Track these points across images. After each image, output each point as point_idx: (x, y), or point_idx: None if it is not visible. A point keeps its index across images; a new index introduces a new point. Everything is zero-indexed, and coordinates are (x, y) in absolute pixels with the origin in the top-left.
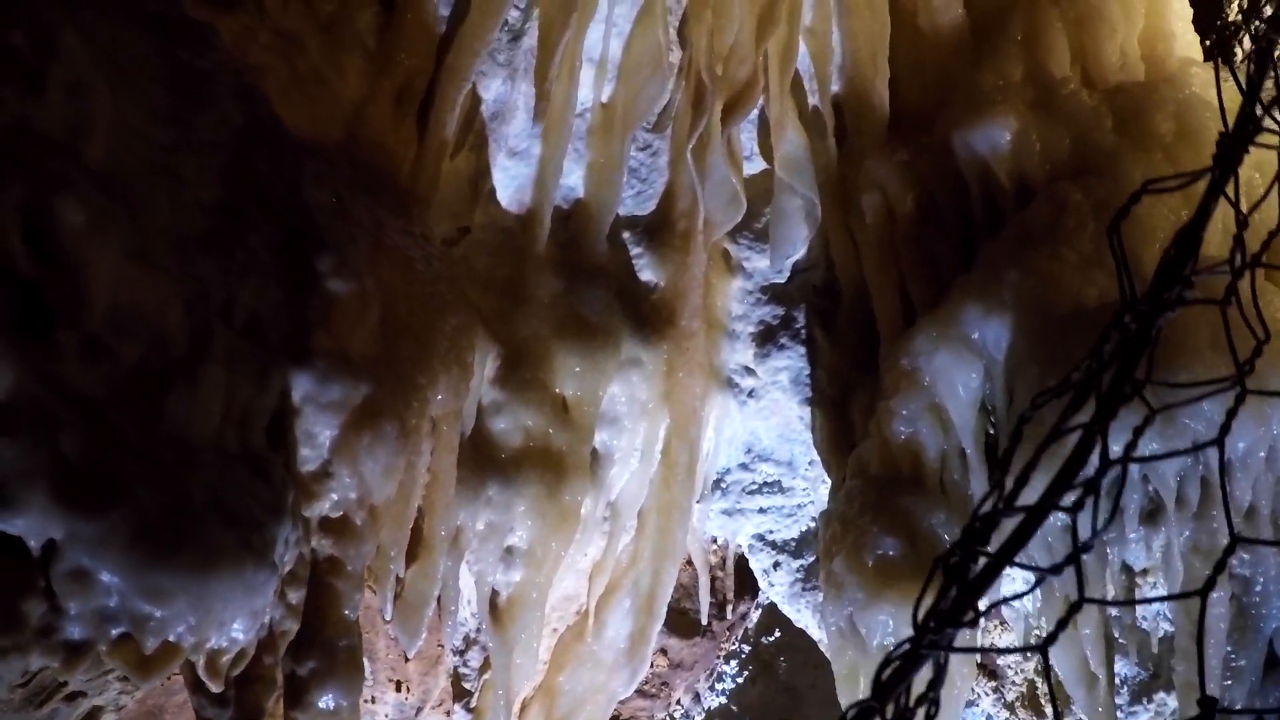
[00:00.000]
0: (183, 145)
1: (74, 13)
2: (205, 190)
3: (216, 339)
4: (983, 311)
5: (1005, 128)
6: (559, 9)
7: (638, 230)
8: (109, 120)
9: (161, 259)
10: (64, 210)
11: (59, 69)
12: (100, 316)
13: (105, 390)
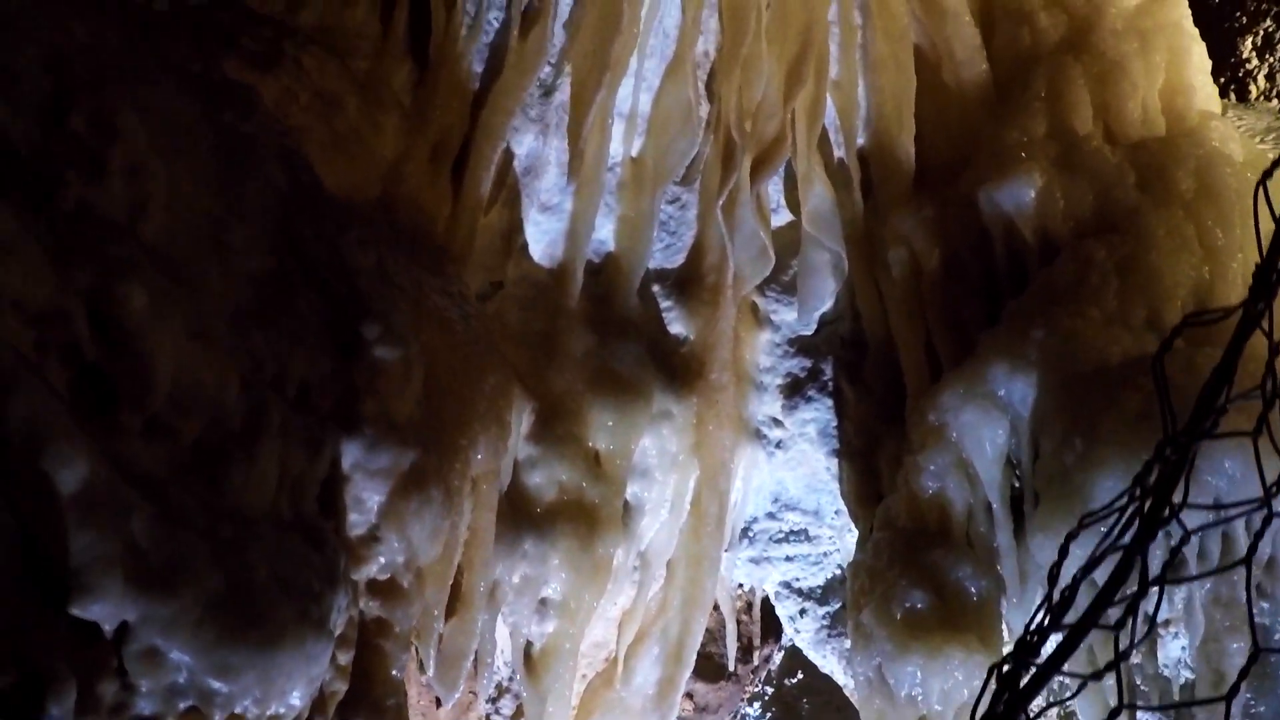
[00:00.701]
0: (232, 215)
1: (130, 89)
2: (255, 260)
3: (271, 413)
4: (1009, 369)
5: (1029, 185)
6: (591, 66)
7: (667, 283)
8: (165, 197)
9: (218, 335)
10: (127, 295)
11: (119, 152)
12: (163, 396)
13: (168, 468)
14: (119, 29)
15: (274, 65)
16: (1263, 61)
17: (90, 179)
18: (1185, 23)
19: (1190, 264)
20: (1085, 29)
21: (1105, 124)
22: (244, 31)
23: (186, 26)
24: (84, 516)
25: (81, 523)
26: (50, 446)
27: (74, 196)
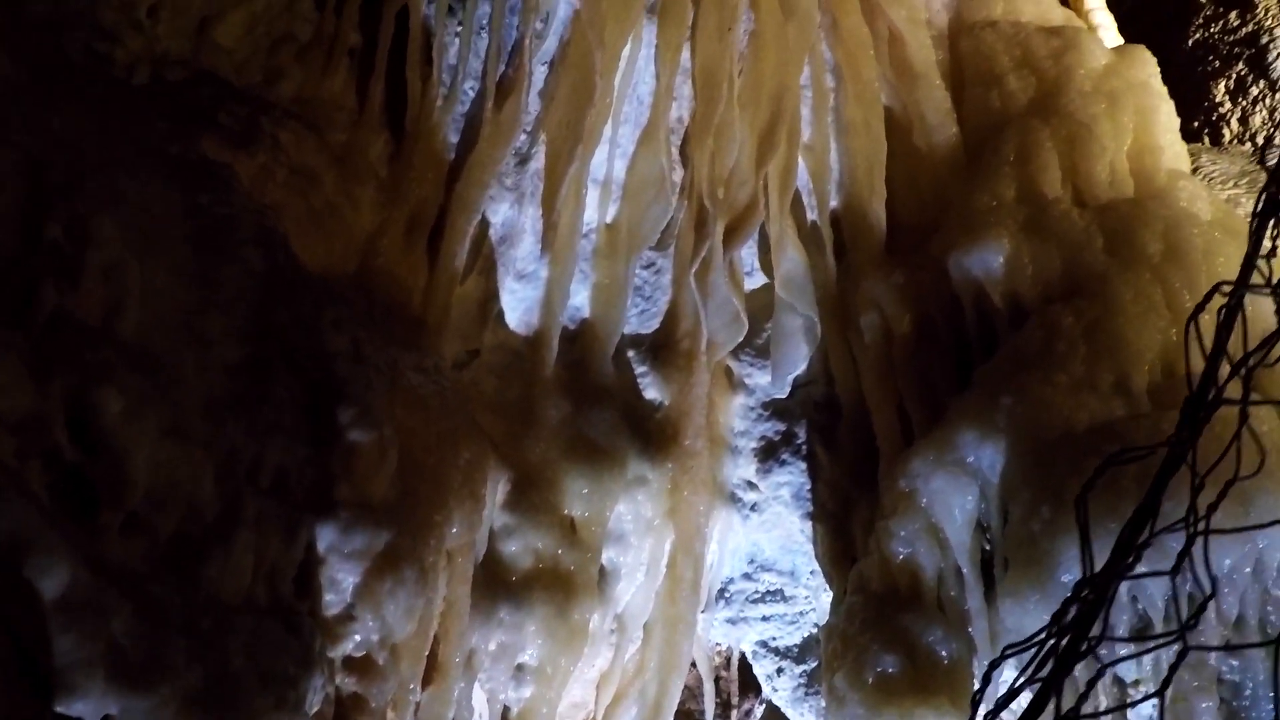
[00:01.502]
0: (208, 304)
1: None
2: (230, 349)
3: (246, 503)
4: (978, 436)
5: (998, 251)
6: (565, 136)
7: (642, 349)
8: (140, 294)
9: (194, 430)
10: (103, 401)
11: (94, 257)
12: (140, 494)
13: (146, 562)
14: (98, 115)
15: (251, 142)
16: (1235, 105)
17: (66, 286)
18: (1153, 81)
19: (1157, 327)
20: (1054, 91)
21: (1074, 186)
22: (221, 108)
23: (165, 103)
24: (66, 620)
25: (64, 626)
26: (32, 556)
27: (51, 304)
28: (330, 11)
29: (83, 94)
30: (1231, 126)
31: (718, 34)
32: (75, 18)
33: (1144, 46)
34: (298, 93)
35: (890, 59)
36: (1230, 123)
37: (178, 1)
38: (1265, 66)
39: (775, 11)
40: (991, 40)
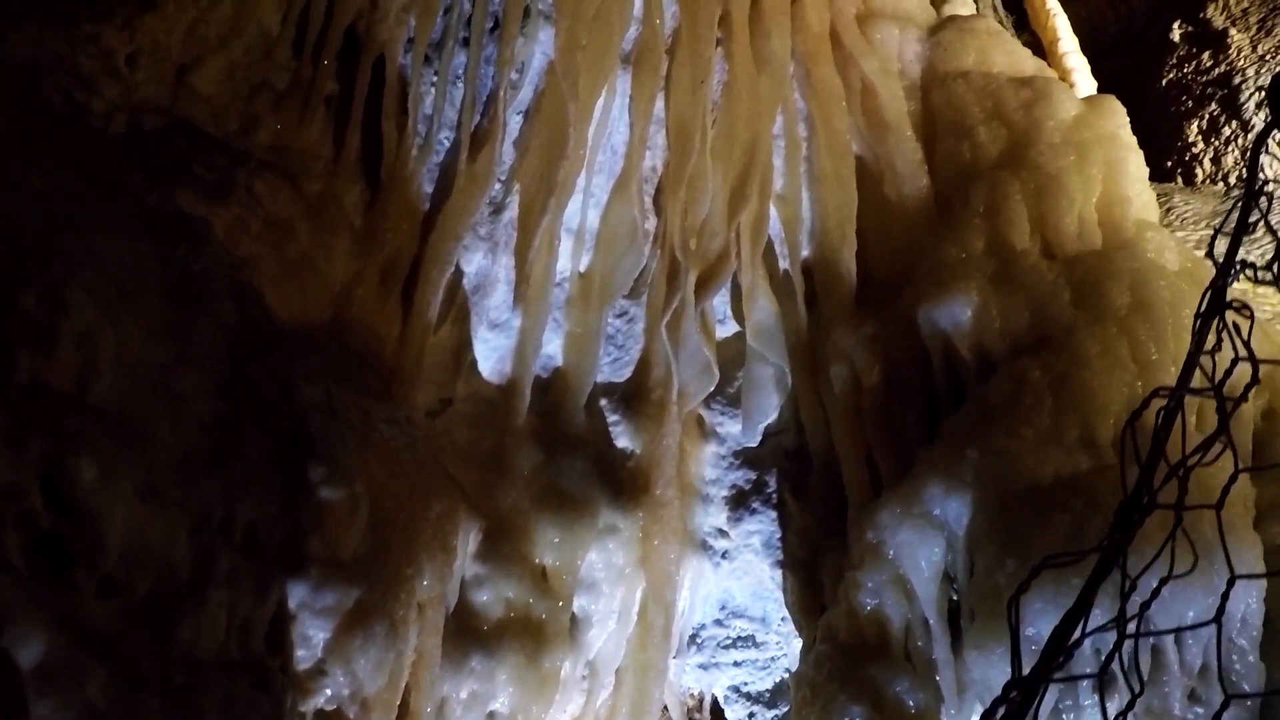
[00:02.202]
0: (182, 361)
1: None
2: (204, 405)
3: (219, 561)
4: (944, 490)
5: (966, 304)
6: (539, 188)
7: (614, 397)
8: (114, 355)
9: (168, 490)
10: (78, 468)
11: (68, 324)
12: (114, 556)
13: (121, 622)
14: (76, 167)
15: (226, 194)
16: (1208, 145)
17: (41, 353)
18: (1122, 132)
19: (1123, 380)
20: (1024, 143)
21: (1043, 238)
22: (197, 159)
23: (141, 154)
24: (43, 687)
25: (41, 692)
26: (10, 627)
27: (26, 372)
28: (307, 59)
29: (61, 145)
30: (1204, 166)
31: (691, 86)
32: (55, 64)
33: (1113, 96)
34: (274, 141)
35: (863, 109)
36: (1203, 163)
37: (156, 48)
38: (1237, 107)
39: (748, 63)
40: (963, 92)
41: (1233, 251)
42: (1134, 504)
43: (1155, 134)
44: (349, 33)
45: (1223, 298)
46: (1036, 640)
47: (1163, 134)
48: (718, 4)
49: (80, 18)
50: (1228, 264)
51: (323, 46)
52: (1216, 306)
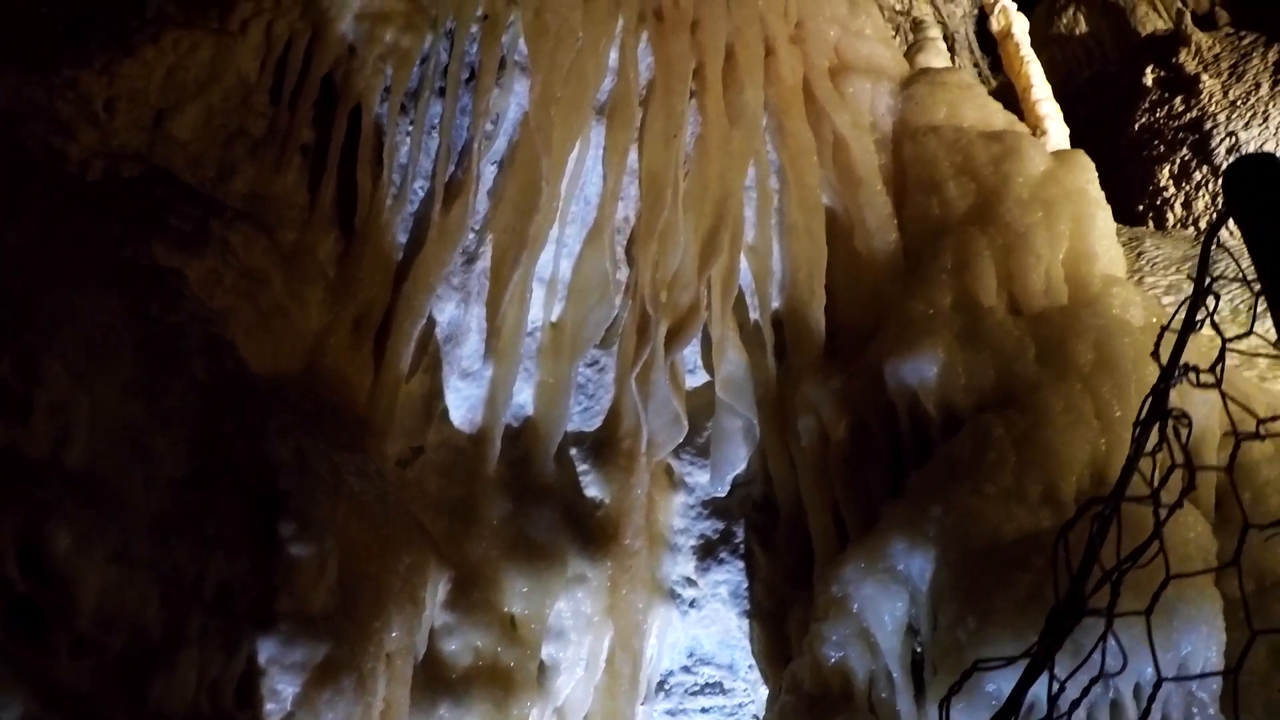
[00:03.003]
0: (155, 419)
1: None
2: (176, 464)
3: (190, 619)
4: (908, 545)
5: (933, 361)
6: (511, 241)
7: (584, 446)
8: (87, 421)
9: (140, 552)
10: (52, 536)
11: (43, 393)
12: (88, 619)
13: (94, 682)
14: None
15: (201, 246)
16: (1179, 190)
17: (16, 422)
18: (1090, 188)
19: (1086, 438)
20: (992, 199)
21: (1010, 293)
22: (173, 210)
23: (117, 204)
24: None
25: None
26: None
27: (1, 441)
28: (285, 107)
29: (38, 195)
30: (1175, 210)
31: (664, 140)
32: (33, 111)
33: (1082, 151)
34: (250, 189)
35: (834, 162)
36: (1174, 207)
37: (135, 94)
38: (1208, 152)
39: (721, 117)
40: (933, 146)
41: (1177, 353)
42: (1065, 611)
43: (1127, 178)
44: (326, 81)
45: (1164, 402)
46: (997, 696)
47: (1135, 178)
48: (692, 56)
49: (59, 63)
50: (1171, 367)
51: (300, 94)
52: (1157, 412)
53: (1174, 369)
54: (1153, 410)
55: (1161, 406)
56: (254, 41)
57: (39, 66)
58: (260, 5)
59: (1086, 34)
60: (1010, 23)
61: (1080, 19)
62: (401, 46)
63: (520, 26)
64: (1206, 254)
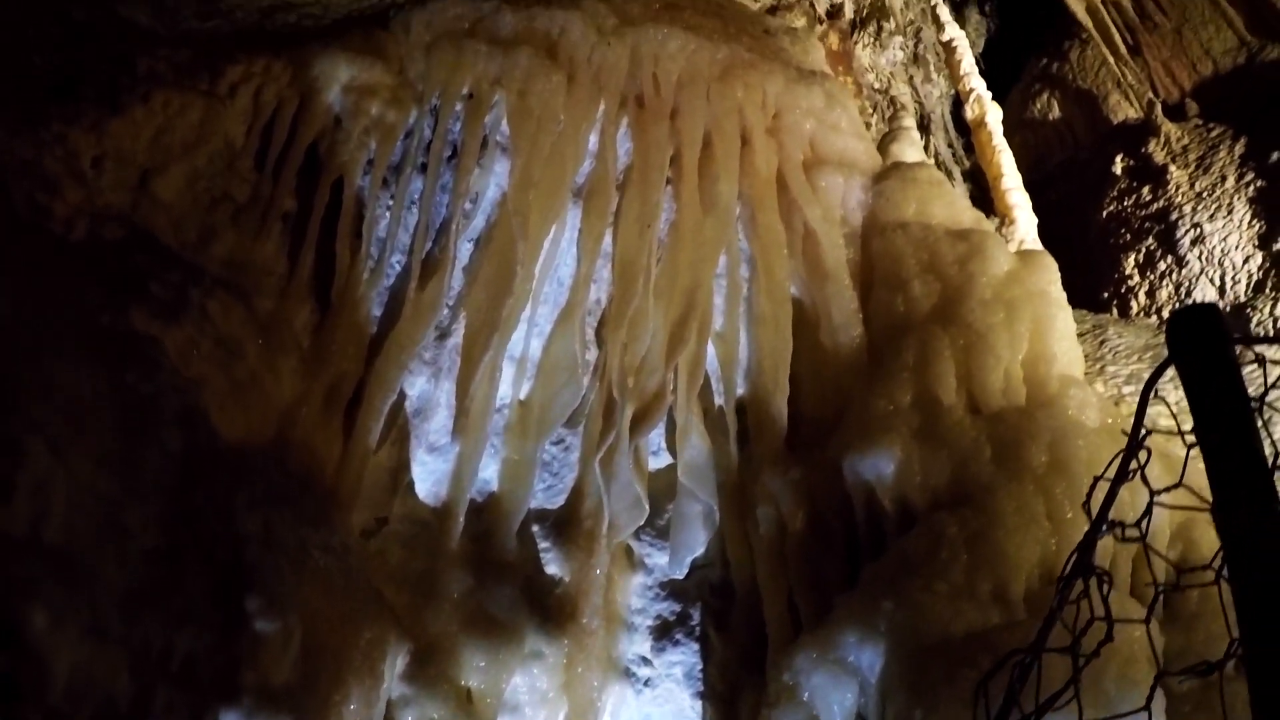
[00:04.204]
0: (129, 493)
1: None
2: (148, 538)
3: (157, 692)
4: (859, 638)
5: (890, 458)
6: (484, 321)
7: (547, 524)
8: (65, 497)
9: (112, 627)
10: (29, 615)
11: (25, 475)
12: (60, 691)
13: None
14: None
15: (180, 314)
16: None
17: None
18: (1052, 289)
19: (1037, 538)
20: (956, 299)
21: (969, 392)
22: (154, 276)
23: (99, 269)
24: None
25: None
26: None
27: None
28: (269, 175)
29: (22, 256)
30: (1139, 299)
31: (638, 227)
32: (21, 167)
33: (1046, 252)
34: (230, 254)
35: (804, 254)
36: (1138, 295)
37: (122, 153)
38: (1173, 242)
39: (695, 205)
40: (901, 243)
41: (1106, 506)
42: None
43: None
44: (311, 150)
45: (1090, 555)
46: None
47: (1101, 265)
48: (669, 143)
49: (49, 118)
50: (1099, 521)
51: (285, 163)
52: (1081, 567)
53: (1100, 524)
54: (1077, 564)
55: (1086, 560)
56: (242, 106)
57: (29, 121)
58: (250, 70)
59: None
60: (984, 111)
61: (1054, 104)
62: (386, 121)
63: (504, 108)
64: (1143, 406)
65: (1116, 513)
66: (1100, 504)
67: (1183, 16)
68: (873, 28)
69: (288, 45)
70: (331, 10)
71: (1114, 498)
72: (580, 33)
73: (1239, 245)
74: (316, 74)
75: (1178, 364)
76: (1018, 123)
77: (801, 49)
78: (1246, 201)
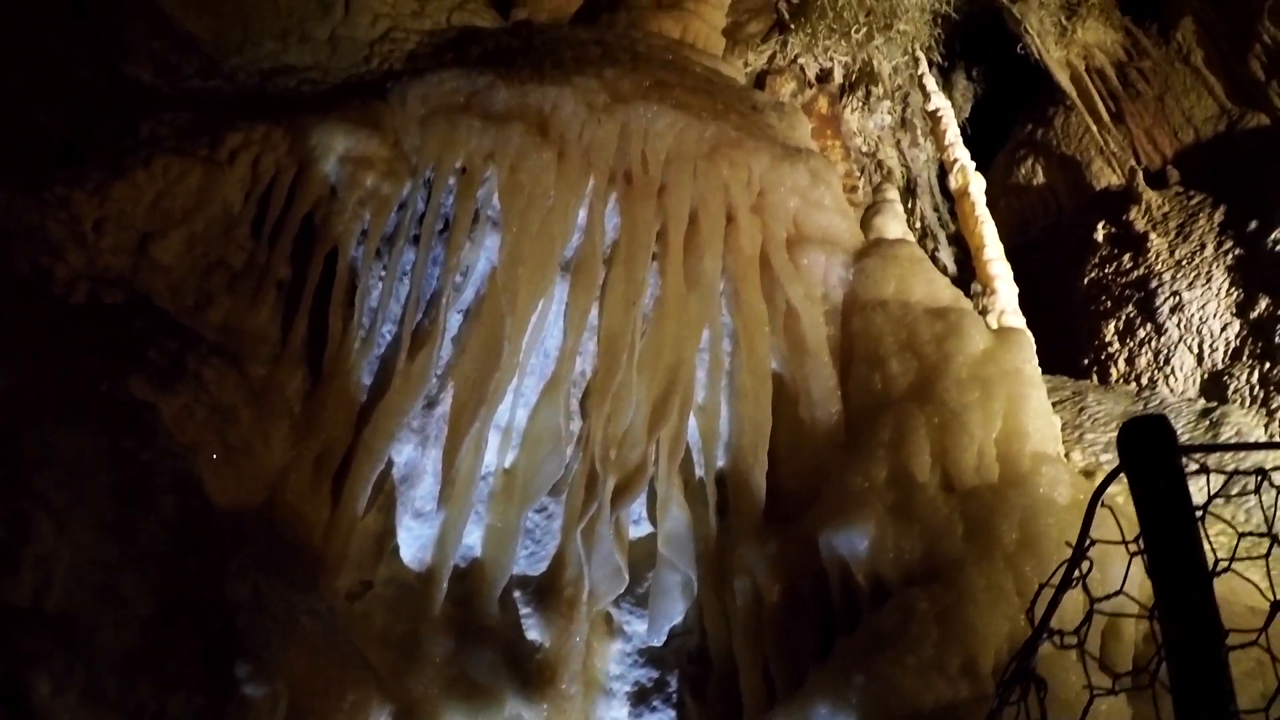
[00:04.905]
0: (126, 561)
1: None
2: (143, 605)
3: None
4: (831, 710)
5: (865, 534)
6: (472, 393)
7: (529, 590)
8: (66, 569)
9: (109, 691)
10: (34, 684)
11: (30, 550)
12: None
13: None
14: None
15: (176, 382)
16: (1124, 346)
17: (6, 575)
18: (1026, 367)
19: (1006, 614)
20: (933, 377)
21: (943, 469)
22: (151, 343)
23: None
24: None
25: None
26: None
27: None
28: (265, 242)
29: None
30: (1119, 366)
31: (624, 304)
32: (25, 230)
33: (1022, 330)
34: (225, 320)
35: (785, 331)
36: (1118, 362)
37: (123, 217)
38: (1153, 310)
39: (679, 281)
40: (880, 322)
41: (1047, 617)
42: None
43: (1074, 331)
44: (307, 219)
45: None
46: None
47: (1081, 332)
48: (657, 221)
49: (53, 180)
50: (1041, 628)
51: (281, 231)
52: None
53: (1042, 631)
54: (1016, 671)
55: (1026, 665)
56: (241, 173)
57: (34, 184)
58: (250, 138)
59: (1043, 185)
60: (968, 181)
61: (1038, 170)
62: (381, 193)
63: (496, 183)
64: (1089, 518)
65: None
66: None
67: (1165, 84)
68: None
69: (287, 113)
70: (330, 76)
71: (1056, 606)
72: (572, 109)
73: (1217, 313)
74: (314, 144)
75: (1128, 473)
76: (1003, 187)
77: (788, 125)
78: (1225, 269)
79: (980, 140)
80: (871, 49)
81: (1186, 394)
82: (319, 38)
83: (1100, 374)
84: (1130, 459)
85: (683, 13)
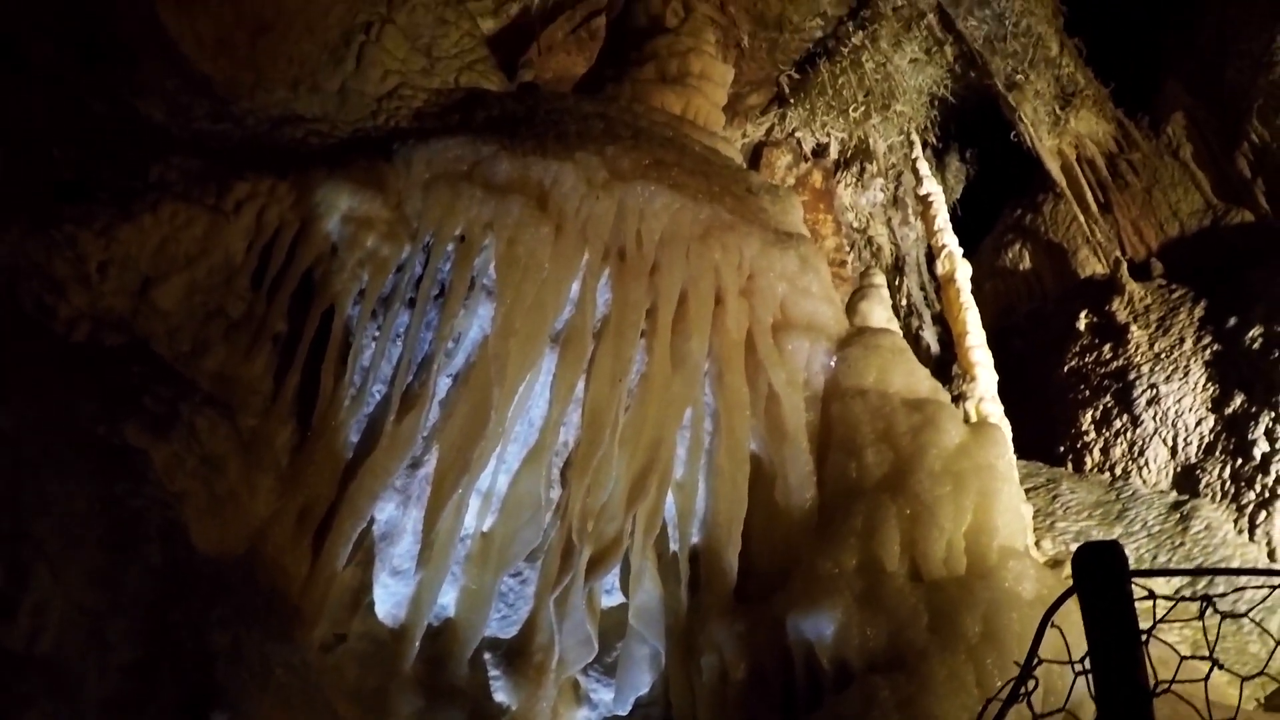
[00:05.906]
0: (113, 608)
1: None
2: (127, 651)
3: None
4: None
5: (832, 620)
6: (456, 458)
7: (499, 653)
8: (59, 615)
9: None
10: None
11: (28, 598)
12: None
13: None
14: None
15: (169, 430)
16: (1099, 435)
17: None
18: (999, 463)
19: (965, 705)
20: (907, 469)
21: (912, 559)
22: (147, 390)
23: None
24: None
25: None
26: None
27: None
28: (264, 294)
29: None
30: (1094, 455)
31: (610, 381)
32: (32, 268)
33: (997, 426)
34: (220, 369)
35: (765, 414)
36: (1093, 451)
37: (128, 259)
38: (1130, 401)
39: (665, 360)
40: (859, 410)
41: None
42: None
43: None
44: (306, 275)
45: None
46: None
47: (1059, 419)
48: (647, 299)
49: (62, 219)
50: None
51: (280, 285)
52: None
53: None
54: None
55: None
56: (245, 224)
57: (43, 222)
58: (256, 189)
59: (1029, 270)
60: (954, 268)
61: (1025, 255)
62: (380, 254)
63: (493, 252)
64: (1039, 636)
65: None
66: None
67: (1153, 177)
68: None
69: (294, 166)
70: (338, 129)
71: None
72: (571, 184)
73: (1193, 407)
74: (318, 200)
75: (1079, 595)
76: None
77: (781, 209)
78: (1203, 364)
79: (970, 221)
80: (868, 127)
81: (1159, 486)
82: (329, 89)
83: (1075, 462)
84: (1083, 581)
85: (685, 88)
